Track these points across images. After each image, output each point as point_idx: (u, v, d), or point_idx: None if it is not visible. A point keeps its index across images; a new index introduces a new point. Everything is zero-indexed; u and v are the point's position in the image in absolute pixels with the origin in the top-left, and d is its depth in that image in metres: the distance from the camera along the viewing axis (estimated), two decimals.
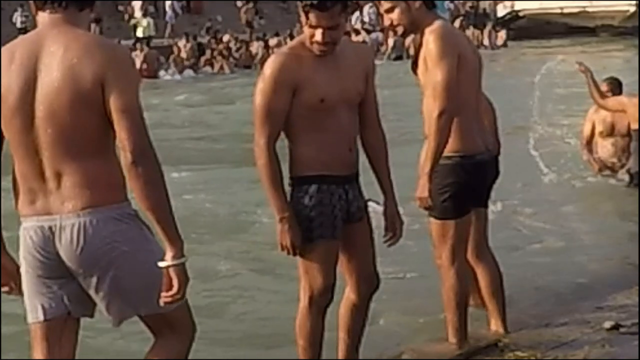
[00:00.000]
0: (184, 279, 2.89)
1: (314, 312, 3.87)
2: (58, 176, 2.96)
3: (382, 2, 4.41)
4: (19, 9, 28.94)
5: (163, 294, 2.89)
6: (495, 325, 4.67)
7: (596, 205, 8.13)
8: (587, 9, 35.06)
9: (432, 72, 4.19)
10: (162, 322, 3.05)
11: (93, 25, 28.49)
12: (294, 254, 3.78)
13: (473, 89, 4.33)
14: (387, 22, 4.43)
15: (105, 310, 3.03)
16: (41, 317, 3.04)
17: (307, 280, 3.84)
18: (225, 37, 29.87)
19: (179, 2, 33.71)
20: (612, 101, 8.47)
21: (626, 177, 8.42)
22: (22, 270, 3.07)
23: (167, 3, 32.77)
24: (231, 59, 28.31)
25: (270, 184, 3.73)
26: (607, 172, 8.78)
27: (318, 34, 3.68)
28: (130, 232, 2.98)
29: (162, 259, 2.88)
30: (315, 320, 3.88)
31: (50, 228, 2.96)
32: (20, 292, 3.11)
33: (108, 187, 2.96)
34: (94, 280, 2.98)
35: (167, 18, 32.50)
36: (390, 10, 4.34)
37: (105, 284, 2.97)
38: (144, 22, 30.57)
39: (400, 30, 4.37)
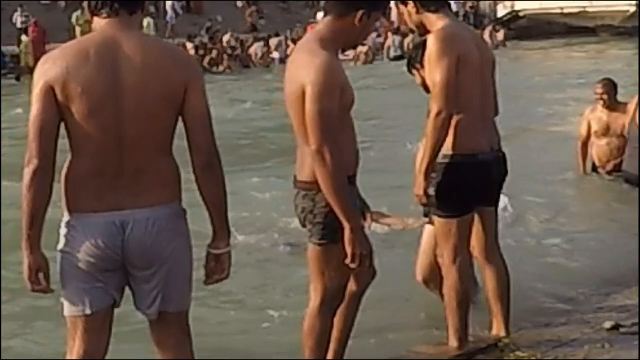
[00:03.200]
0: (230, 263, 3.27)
1: (325, 313, 3.85)
2: (137, 172, 3.09)
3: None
4: (19, 9, 28.95)
5: (216, 276, 3.26)
6: (497, 328, 4.66)
7: (596, 205, 8.13)
8: (587, 9, 35.06)
9: (431, 73, 4.26)
10: (177, 323, 3.23)
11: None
12: (369, 263, 3.71)
13: (477, 89, 4.34)
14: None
15: (150, 301, 3.17)
16: (88, 311, 3.15)
17: (322, 280, 3.81)
18: (226, 37, 29.85)
19: (179, 2, 33.71)
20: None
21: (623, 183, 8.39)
22: (68, 264, 3.13)
23: (168, 3, 32.76)
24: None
25: (342, 191, 3.61)
26: (594, 174, 8.84)
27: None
28: (185, 228, 3.22)
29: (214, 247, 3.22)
30: (327, 321, 3.87)
31: (122, 223, 3.08)
32: (49, 290, 3.15)
33: (174, 184, 3.17)
34: (150, 272, 3.14)
35: (167, 18, 32.50)
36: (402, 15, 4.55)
37: (160, 275, 3.14)
38: (144, 22, 30.53)
39: (416, 32, 4.52)
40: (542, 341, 4.56)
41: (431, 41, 4.26)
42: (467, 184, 4.33)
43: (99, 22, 3.16)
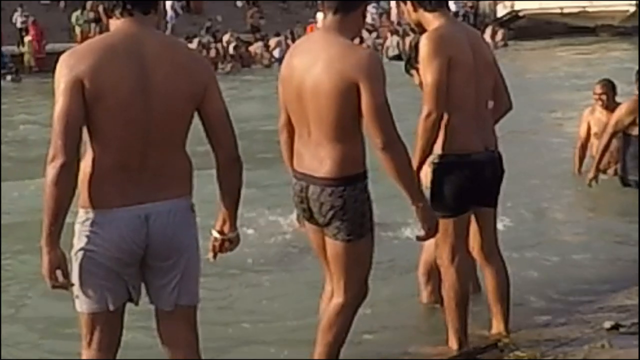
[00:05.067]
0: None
1: (350, 309, 3.88)
2: (159, 167, 3.16)
3: None
4: (19, 9, 28.94)
5: (227, 252, 3.48)
6: (497, 328, 4.67)
7: (596, 205, 8.13)
8: (587, 9, 35.02)
9: (423, 74, 4.29)
10: (187, 319, 3.29)
11: (93, 25, 28.52)
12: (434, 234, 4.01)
13: (470, 89, 4.34)
14: None
15: (168, 292, 3.24)
16: (111, 307, 3.19)
17: (350, 275, 3.84)
18: (226, 37, 29.83)
19: (179, 2, 33.70)
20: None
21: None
22: (90, 262, 3.15)
23: (168, 3, 32.73)
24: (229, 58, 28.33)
25: (414, 175, 3.90)
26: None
27: None
28: (195, 221, 3.32)
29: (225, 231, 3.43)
30: (350, 317, 3.90)
31: (146, 216, 3.14)
32: (67, 287, 3.17)
33: (189, 179, 3.28)
34: (170, 263, 3.21)
35: (167, 18, 32.49)
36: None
37: (178, 266, 3.22)
38: None
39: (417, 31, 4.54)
40: (542, 341, 4.55)
41: (423, 42, 4.28)
42: (461, 183, 4.34)
43: (115, 23, 3.21)
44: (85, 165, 3.13)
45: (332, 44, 3.74)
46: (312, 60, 3.73)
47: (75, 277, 3.18)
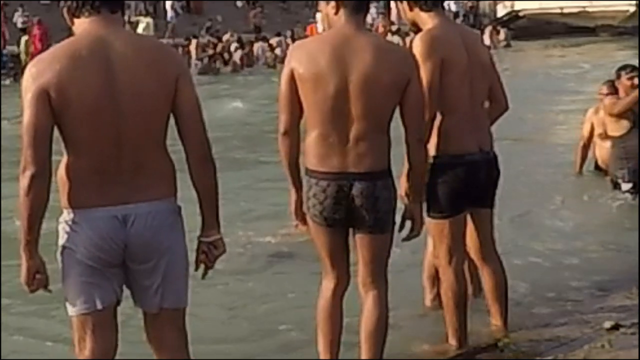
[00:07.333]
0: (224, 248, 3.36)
1: None
2: (136, 168, 3.13)
3: None
4: (20, 9, 28.93)
5: (210, 263, 3.32)
6: (496, 328, 4.68)
7: (596, 206, 8.12)
8: (587, 9, 35.07)
9: None
10: (174, 321, 3.26)
11: None
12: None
13: (465, 90, 4.34)
14: None
15: (151, 295, 3.21)
16: (99, 306, 3.16)
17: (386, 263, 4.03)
18: (226, 37, 29.84)
19: (179, 2, 33.69)
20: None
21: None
22: (73, 260, 3.15)
23: (168, 3, 32.75)
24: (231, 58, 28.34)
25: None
26: (593, 174, 8.88)
27: None
28: (181, 225, 3.28)
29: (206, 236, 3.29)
30: None
31: (124, 217, 3.11)
32: (48, 290, 3.19)
33: (171, 180, 3.23)
34: (150, 265, 3.18)
35: (167, 18, 32.49)
36: None
37: (159, 269, 3.18)
38: (144, 22, 30.54)
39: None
40: (542, 341, 4.56)
41: (415, 43, 4.29)
42: (455, 184, 4.35)
43: (82, 24, 3.17)
44: (63, 168, 3.14)
45: (372, 39, 3.87)
46: (355, 55, 3.75)
47: (62, 277, 3.19)
